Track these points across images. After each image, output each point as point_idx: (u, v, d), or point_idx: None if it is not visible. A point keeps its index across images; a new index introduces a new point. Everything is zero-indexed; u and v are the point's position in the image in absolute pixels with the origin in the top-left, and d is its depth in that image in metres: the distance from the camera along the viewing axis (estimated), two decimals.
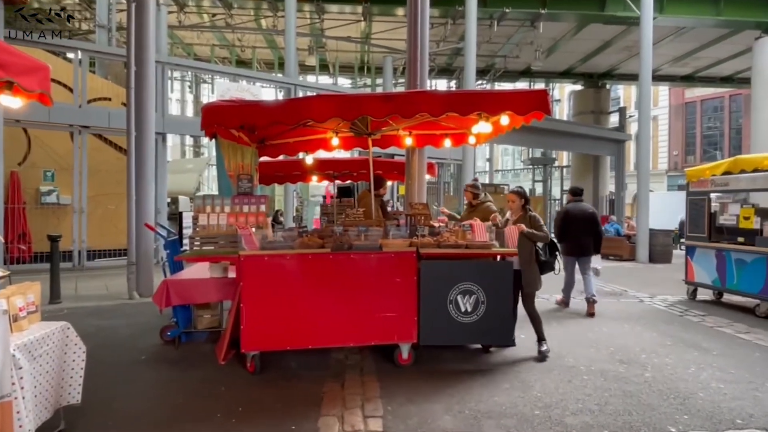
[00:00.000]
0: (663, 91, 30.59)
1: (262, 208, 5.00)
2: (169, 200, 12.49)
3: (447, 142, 6.59)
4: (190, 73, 24.24)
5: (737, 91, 26.18)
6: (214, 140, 5.23)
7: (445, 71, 22.84)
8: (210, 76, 22.21)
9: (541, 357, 4.76)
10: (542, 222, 4.93)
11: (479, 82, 22.42)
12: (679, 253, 14.04)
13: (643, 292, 8.59)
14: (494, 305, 4.60)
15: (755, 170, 6.60)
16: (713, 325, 6.26)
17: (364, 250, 4.49)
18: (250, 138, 5.81)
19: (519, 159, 41.77)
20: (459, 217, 6.39)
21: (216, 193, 5.83)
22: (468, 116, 4.69)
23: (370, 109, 4.32)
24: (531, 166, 32.69)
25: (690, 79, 23.72)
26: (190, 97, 28.03)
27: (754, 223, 6.85)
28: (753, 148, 15.00)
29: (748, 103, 21.50)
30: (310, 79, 22.33)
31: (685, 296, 8.05)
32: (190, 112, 27.04)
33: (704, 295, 7.96)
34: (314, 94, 10.51)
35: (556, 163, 32.07)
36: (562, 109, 35.72)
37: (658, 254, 13.63)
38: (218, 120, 4.44)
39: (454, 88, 22.75)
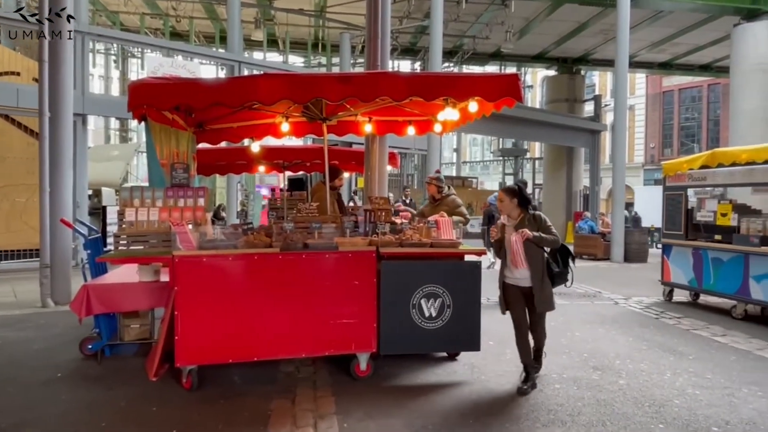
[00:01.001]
0: (640, 79, 31.87)
1: (201, 201, 4.88)
2: (90, 192, 12.00)
3: (410, 130, 6.62)
4: (115, 45, 23.30)
5: (716, 80, 27.62)
6: (143, 123, 5.05)
7: (408, 51, 22.95)
8: (139, 49, 21.42)
9: (532, 386, 4.33)
10: (550, 222, 4.37)
11: (446, 64, 22.64)
12: (655, 252, 14.71)
13: (617, 294, 8.95)
14: (461, 309, 4.66)
15: (733, 164, 6.98)
16: (689, 327, 6.59)
17: (318, 249, 4.46)
18: (187, 121, 5.64)
19: (488, 150, 42.59)
20: (415, 212, 6.48)
21: (146, 184, 5.64)
22: (434, 101, 4.73)
23: (325, 90, 4.28)
24: (501, 158, 33.45)
25: (668, 67, 24.80)
26: (116, 74, 26.99)
27: (732, 220, 7.25)
28: (731, 141, 15.87)
29: (726, 93, 22.72)
30: (257, 56, 21.94)
31: (661, 297, 8.44)
32: (115, 90, 26.03)
33: (681, 296, 8.38)
34: (261, 72, 10.33)
35: (528, 155, 32.95)
36: (535, 96, 36.69)
37: (634, 253, 14.24)
38: (149, 100, 4.29)
39: (418, 70, 22.89)
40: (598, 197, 22.02)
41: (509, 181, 32.28)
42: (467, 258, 4.93)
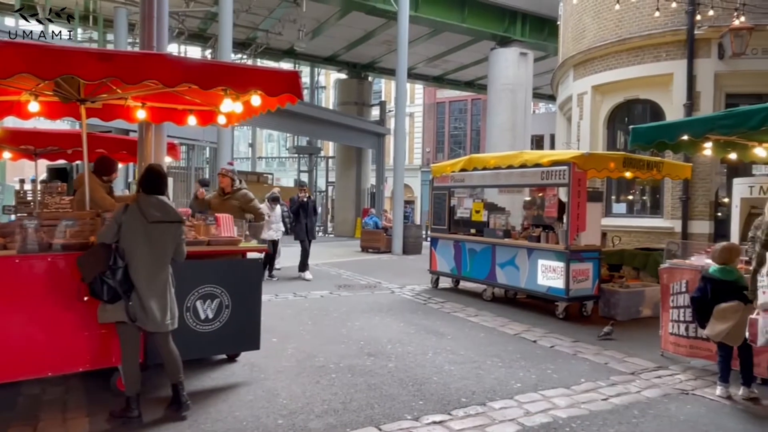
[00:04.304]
0: (419, 89, 35.10)
1: None
2: None
3: (191, 120, 6.12)
4: None
5: (478, 96, 31.81)
6: None
7: (198, 37, 21.55)
8: None
9: (180, 407, 3.64)
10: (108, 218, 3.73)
11: (239, 56, 21.84)
12: (428, 245, 16.36)
13: (394, 283, 9.69)
14: (241, 309, 4.49)
15: (484, 168, 8.07)
16: (450, 310, 7.43)
17: (72, 250, 3.84)
18: None
19: (284, 147, 42.49)
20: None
21: None
22: (212, 91, 4.45)
23: (78, 67, 3.67)
24: (297, 155, 33.67)
25: (440, 80, 27.79)
26: None
27: (483, 216, 8.41)
28: (488, 149, 18.47)
29: (485, 108, 26.34)
30: (8, 23, 18.24)
31: (430, 285, 9.39)
32: None
33: (445, 283, 9.42)
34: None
35: (322, 153, 33.78)
36: (328, 98, 37.71)
37: (411, 246, 15.62)
38: None
39: (209, 58, 21.67)
40: (383, 195, 23.64)
41: (304, 179, 32.66)
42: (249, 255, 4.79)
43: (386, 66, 25.11)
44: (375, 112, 27.28)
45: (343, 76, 26.83)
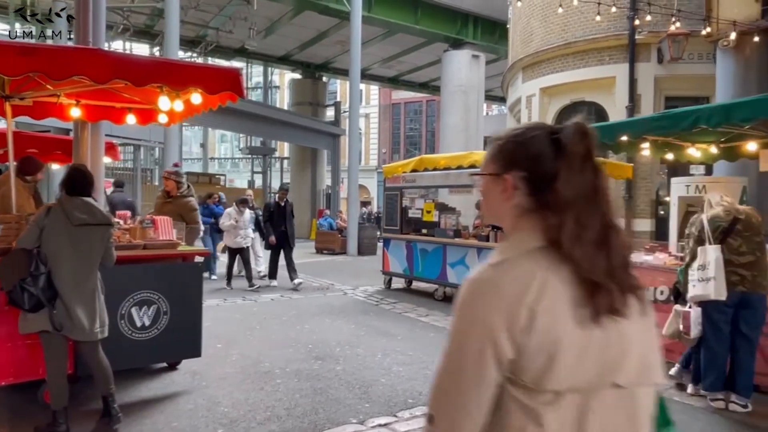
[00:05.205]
0: (374, 90, 35.16)
1: None
2: None
3: (131, 119, 5.88)
4: None
5: (432, 97, 32.13)
6: None
7: (144, 34, 20.84)
8: None
9: (111, 420, 3.45)
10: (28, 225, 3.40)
11: (189, 54, 21.25)
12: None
13: (347, 285, 9.61)
14: (180, 315, 4.33)
15: (435, 169, 8.11)
16: (402, 311, 7.42)
17: None
18: None
19: (237, 147, 41.67)
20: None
21: None
22: (147, 88, 4.27)
23: None
24: (250, 156, 33.08)
25: (395, 82, 27.88)
26: None
27: (435, 216, 8.45)
28: (442, 149, 18.63)
29: (440, 109, 26.61)
30: None
31: (383, 286, 9.36)
32: None
33: (398, 283, 9.42)
34: None
35: (277, 154, 33.33)
36: (283, 98, 37.23)
37: (366, 247, 15.59)
38: None
39: (157, 56, 20.97)
40: (339, 196, 23.51)
41: (258, 180, 32.08)
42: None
43: (341, 66, 24.97)
44: (330, 113, 27.12)
45: (297, 76, 26.54)
